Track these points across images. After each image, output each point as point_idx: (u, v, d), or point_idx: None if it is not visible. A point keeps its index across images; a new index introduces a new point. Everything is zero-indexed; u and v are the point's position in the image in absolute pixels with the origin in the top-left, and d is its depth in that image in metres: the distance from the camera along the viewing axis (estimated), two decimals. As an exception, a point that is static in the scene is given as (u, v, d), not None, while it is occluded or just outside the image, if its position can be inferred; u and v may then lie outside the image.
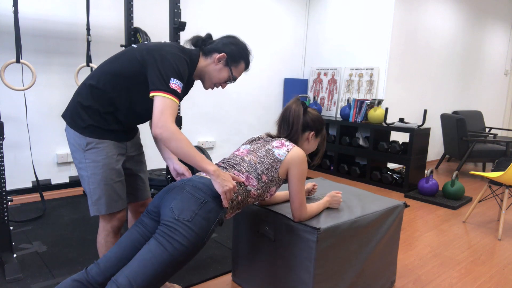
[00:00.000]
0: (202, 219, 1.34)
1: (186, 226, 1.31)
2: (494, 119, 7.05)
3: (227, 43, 1.59)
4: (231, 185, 1.38)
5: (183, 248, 1.30)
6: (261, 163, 1.55)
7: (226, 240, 2.57)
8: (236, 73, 1.62)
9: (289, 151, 1.57)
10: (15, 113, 3.13)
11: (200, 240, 1.34)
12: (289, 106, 1.69)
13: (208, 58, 1.58)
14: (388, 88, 4.56)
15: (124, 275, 1.28)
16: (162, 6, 3.85)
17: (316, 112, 1.73)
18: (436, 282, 2.17)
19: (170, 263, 1.30)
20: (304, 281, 1.64)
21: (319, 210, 1.73)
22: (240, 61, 1.60)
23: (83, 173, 1.55)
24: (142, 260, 1.29)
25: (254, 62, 4.77)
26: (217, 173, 1.37)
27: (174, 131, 1.34)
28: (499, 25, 6.58)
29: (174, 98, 1.39)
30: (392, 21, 4.39)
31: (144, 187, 1.80)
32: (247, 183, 1.52)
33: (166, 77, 1.39)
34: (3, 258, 2.06)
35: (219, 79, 1.60)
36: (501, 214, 2.89)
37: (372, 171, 4.29)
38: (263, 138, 1.72)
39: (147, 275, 1.27)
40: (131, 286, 1.26)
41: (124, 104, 1.53)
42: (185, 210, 1.34)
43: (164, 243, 1.30)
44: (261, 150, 1.61)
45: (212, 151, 4.54)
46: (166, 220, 1.33)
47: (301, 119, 1.66)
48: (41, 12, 3.15)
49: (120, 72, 1.49)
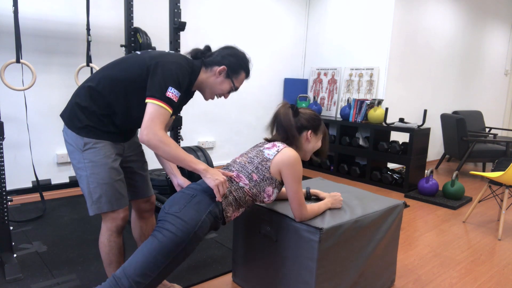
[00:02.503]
0: (192, 209, 1.42)
1: (174, 216, 1.40)
2: (494, 119, 7.05)
3: (226, 55, 1.60)
4: (221, 179, 1.45)
5: (172, 235, 1.37)
6: (251, 163, 1.59)
7: (226, 240, 2.58)
8: (238, 83, 1.64)
9: (279, 151, 1.58)
10: (15, 113, 3.13)
11: (191, 229, 1.39)
12: (278, 111, 1.69)
13: (208, 71, 1.60)
14: (388, 88, 4.56)
15: (121, 267, 1.38)
16: (162, 6, 3.85)
17: (309, 111, 1.71)
18: (436, 282, 2.17)
19: (160, 251, 1.36)
20: (306, 281, 1.64)
21: (320, 210, 1.72)
22: (240, 71, 1.63)
23: (82, 173, 1.55)
24: (136, 252, 1.39)
25: (254, 62, 4.78)
26: (206, 170, 1.45)
27: (161, 137, 1.39)
28: (499, 25, 6.58)
29: (167, 107, 1.42)
30: (392, 21, 4.39)
31: (146, 184, 1.80)
32: (237, 180, 1.56)
33: (164, 85, 1.42)
34: (3, 258, 2.06)
35: (222, 91, 1.63)
36: (501, 214, 2.89)
37: (372, 171, 4.29)
38: (259, 144, 1.74)
39: (138, 263, 1.36)
40: (124, 275, 1.35)
41: (121, 109, 1.53)
42: (174, 205, 1.44)
43: (155, 234, 1.40)
44: (252, 152, 1.65)
45: (212, 151, 4.54)
46: (159, 217, 1.45)
47: (292, 122, 1.64)
48: (41, 12, 3.15)
49: (121, 78, 1.50)
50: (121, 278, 1.34)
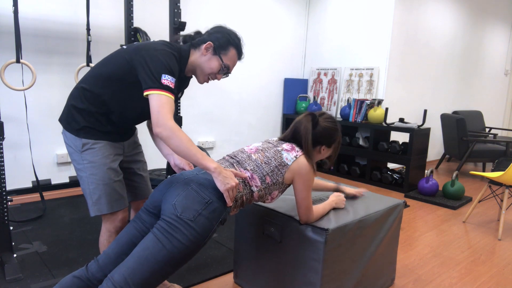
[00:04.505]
0: (205, 219, 1.31)
1: (188, 225, 1.28)
2: (494, 119, 7.05)
3: (212, 32, 1.58)
4: (233, 183, 1.35)
5: (183, 247, 1.28)
6: (268, 164, 1.53)
7: (226, 240, 2.57)
8: (228, 61, 1.57)
9: (297, 158, 1.55)
10: (15, 113, 3.13)
11: (202, 240, 1.32)
12: (300, 120, 1.64)
13: (197, 50, 1.57)
14: (388, 88, 4.56)
15: (120, 272, 1.26)
16: (162, 6, 3.85)
17: (327, 124, 1.64)
18: (436, 282, 2.17)
19: (168, 262, 1.28)
20: (312, 282, 1.64)
21: (325, 211, 1.72)
22: (229, 47, 1.56)
23: (81, 174, 1.55)
24: (139, 257, 1.27)
25: (254, 62, 4.77)
26: (218, 171, 1.33)
27: (173, 129, 1.31)
28: (499, 25, 6.58)
29: (169, 94, 1.37)
30: (392, 21, 4.39)
31: (145, 185, 1.80)
32: (251, 182, 1.49)
33: (157, 74, 1.37)
34: (3, 258, 2.06)
35: (211, 69, 1.56)
36: (501, 214, 2.89)
37: (372, 171, 4.29)
38: (275, 141, 1.69)
39: (144, 273, 1.26)
40: (127, 283, 1.25)
41: (116, 106, 1.52)
42: (188, 209, 1.30)
43: (163, 240, 1.27)
44: (270, 151, 1.58)
45: (212, 151, 4.54)
46: (167, 216, 1.30)
47: (310, 135, 1.61)
48: (41, 12, 3.15)
49: (110, 74, 1.48)
50: (122, 287, 1.25)
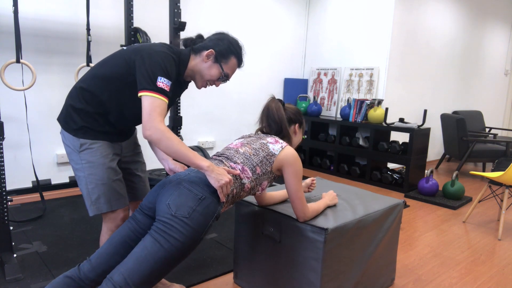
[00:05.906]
0: (200, 215, 1.33)
1: (183, 222, 1.30)
2: (494, 119, 7.05)
3: (214, 39, 1.58)
4: (227, 179, 1.37)
5: (180, 244, 1.30)
6: (256, 155, 1.56)
7: (226, 240, 2.57)
8: (228, 69, 1.59)
9: (283, 148, 1.58)
10: (15, 113, 3.13)
11: (198, 236, 1.33)
12: (269, 105, 1.71)
13: (197, 56, 1.57)
14: (388, 88, 4.56)
15: (119, 273, 1.27)
16: (162, 6, 3.85)
17: (292, 105, 1.79)
18: (436, 282, 2.17)
19: (166, 260, 1.29)
20: (311, 282, 1.64)
21: (320, 208, 1.73)
22: (230, 56, 1.57)
23: (80, 174, 1.55)
24: (138, 257, 1.28)
25: (254, 62, 4.77)
26: (211, 168, 1.35)
27: (163, 131, 1.32)
28: (499, 25, 6.57)
29: (162, 97, 1.37)
30: (392, 21, 4.39)
31: (144, 185, 1.80)
32: (242, 175, 1.51)
33: (153, 76, 1.38)
34: (3, 258, 2.06)
35: (211, 76, 1.57)
36: (501, 214, 2.89)
37: (372, 171, 4.29)
38: (255, 135, 1.72)
39: (143, 273, 1.27)
40: (127, 284, 1.26)
41: (114, 107, 1.52)
42: (182, 206, 1.32)
43: (160, 239, 1.29)
44: (255, 143, 1.61)
45: (212, 151, 4.54)
46: (162, 216, 1.32)
47: (284, 115, 1.70)
48: (41, 12, 3.15)
49: (109, 75, 1.48)
50: (122, 287, 1.26)
